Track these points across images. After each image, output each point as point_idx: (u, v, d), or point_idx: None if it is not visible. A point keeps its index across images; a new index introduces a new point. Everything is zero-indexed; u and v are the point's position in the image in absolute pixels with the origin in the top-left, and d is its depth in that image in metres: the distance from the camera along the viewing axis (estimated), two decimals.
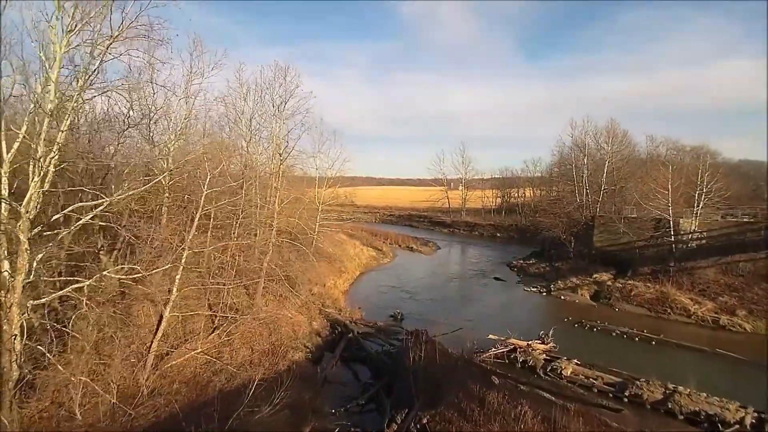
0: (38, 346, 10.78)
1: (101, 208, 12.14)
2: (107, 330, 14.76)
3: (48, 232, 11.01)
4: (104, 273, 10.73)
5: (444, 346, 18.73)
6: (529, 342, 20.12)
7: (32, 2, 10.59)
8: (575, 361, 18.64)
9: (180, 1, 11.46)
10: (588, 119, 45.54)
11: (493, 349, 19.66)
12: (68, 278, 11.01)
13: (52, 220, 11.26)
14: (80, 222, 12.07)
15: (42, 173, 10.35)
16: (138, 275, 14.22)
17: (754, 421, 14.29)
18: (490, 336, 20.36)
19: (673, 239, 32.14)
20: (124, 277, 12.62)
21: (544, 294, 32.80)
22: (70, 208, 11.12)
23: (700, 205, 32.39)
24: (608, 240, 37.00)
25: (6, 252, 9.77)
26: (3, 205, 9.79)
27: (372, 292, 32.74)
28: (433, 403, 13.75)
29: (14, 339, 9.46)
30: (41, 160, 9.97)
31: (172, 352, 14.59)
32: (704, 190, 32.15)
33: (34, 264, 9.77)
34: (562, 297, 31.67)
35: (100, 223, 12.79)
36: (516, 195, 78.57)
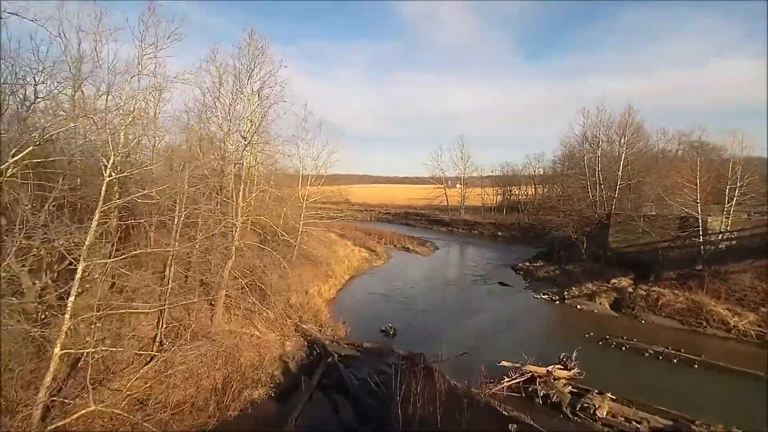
0: None
1: None
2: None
3: None
4: None
5: (445, 377, 14.94)
6: (549, 368, 16.35)
7: None
8: (610, 395, 14.87)
9: None
10: (602, 107, 41.29)
11: (506, 379, 15.86)
12: None
13: None
14: None
15: None
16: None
17: None
18: (503, 363, 16.49)
19: (701, 239, 28.48)
20: None
21: (557, 302, 28.98)
22: None
23: (733, 202, 28.74)
24: (626, 240, 33.30)
25: None
26: None
27: (362, 301, 28.87)
28: None
29: None
30: None
31: (74, 401, 10.61)
32: (737, 185, 28.49)
33: None
34: (578, 306, 27.82)
35: None
36: (518, 192, 74.75)
